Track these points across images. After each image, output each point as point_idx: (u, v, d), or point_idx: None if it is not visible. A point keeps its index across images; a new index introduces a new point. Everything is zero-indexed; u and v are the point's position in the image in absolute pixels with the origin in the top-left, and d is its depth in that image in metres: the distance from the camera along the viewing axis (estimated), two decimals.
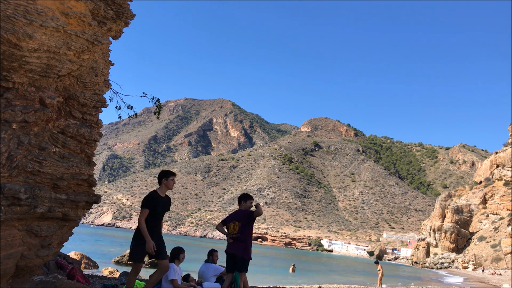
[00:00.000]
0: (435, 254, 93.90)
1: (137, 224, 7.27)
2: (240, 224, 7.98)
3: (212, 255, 10.01)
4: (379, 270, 27.70)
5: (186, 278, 9.49)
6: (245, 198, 8.32)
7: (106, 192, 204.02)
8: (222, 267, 9.51)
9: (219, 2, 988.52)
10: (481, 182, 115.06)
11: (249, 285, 12.83)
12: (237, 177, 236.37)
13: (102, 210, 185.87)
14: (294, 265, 43.83)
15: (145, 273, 20.77)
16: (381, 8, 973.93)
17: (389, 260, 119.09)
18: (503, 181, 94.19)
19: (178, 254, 8.63)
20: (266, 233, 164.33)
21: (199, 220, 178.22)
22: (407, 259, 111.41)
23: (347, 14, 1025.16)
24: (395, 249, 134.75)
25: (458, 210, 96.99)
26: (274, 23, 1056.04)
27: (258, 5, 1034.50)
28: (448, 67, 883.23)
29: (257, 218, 8.34)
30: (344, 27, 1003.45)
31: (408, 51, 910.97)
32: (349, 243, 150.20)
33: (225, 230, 8.32)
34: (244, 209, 8.24)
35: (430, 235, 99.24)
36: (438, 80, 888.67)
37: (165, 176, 7.56)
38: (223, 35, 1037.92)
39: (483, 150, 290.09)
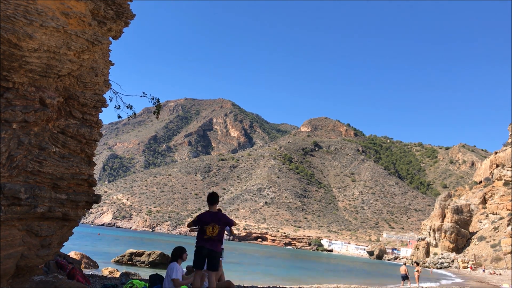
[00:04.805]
0: (435, 254, 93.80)
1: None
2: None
3: None
4: (417, 271, 30.28)
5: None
6: None
7: (106, 192, 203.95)
8: None
9: (219, 3, 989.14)
10: (481, 182, 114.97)
11: (250, 285, 12.85)
12: (237, 177, 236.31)
13: (102, 210, 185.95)
14: None
15: (145, 272, 20.78)
16: (380, 9, 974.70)
17: (389, 260, 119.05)
18: (503, 181, 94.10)
19: (181, 253, 8.94)
20: (266, 233, 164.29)
21: None
22: (407, 259, 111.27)
23: (347, 15, 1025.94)
24: (395, 249, 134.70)
25: (458, 210, 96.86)
26: (274, 24, 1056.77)
27: (258, 6, 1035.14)
28: (448, 67, 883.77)
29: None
30: (344, 27, 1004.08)
31: (408, 51, 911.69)
32: (349, 243, 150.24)
33: None
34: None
35: (430, 235, 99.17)
36: (438, 80, 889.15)
37: None
38: (223, 36, 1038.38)
39: (483, 150, 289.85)
